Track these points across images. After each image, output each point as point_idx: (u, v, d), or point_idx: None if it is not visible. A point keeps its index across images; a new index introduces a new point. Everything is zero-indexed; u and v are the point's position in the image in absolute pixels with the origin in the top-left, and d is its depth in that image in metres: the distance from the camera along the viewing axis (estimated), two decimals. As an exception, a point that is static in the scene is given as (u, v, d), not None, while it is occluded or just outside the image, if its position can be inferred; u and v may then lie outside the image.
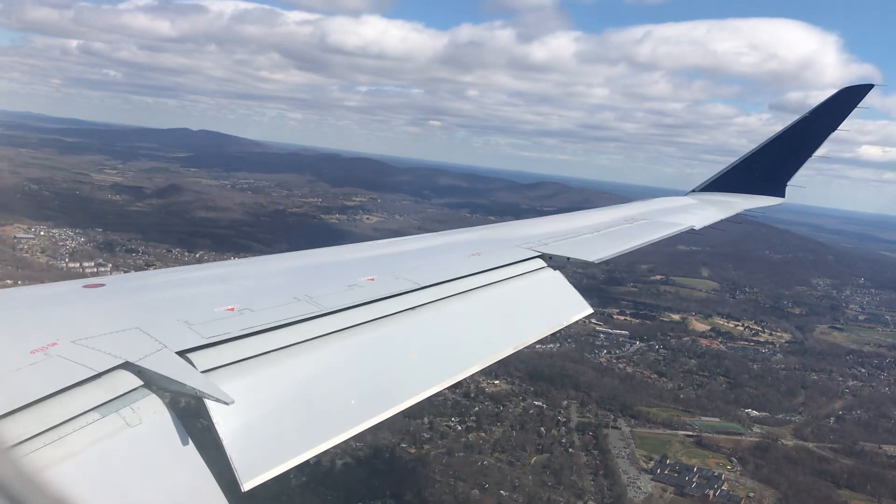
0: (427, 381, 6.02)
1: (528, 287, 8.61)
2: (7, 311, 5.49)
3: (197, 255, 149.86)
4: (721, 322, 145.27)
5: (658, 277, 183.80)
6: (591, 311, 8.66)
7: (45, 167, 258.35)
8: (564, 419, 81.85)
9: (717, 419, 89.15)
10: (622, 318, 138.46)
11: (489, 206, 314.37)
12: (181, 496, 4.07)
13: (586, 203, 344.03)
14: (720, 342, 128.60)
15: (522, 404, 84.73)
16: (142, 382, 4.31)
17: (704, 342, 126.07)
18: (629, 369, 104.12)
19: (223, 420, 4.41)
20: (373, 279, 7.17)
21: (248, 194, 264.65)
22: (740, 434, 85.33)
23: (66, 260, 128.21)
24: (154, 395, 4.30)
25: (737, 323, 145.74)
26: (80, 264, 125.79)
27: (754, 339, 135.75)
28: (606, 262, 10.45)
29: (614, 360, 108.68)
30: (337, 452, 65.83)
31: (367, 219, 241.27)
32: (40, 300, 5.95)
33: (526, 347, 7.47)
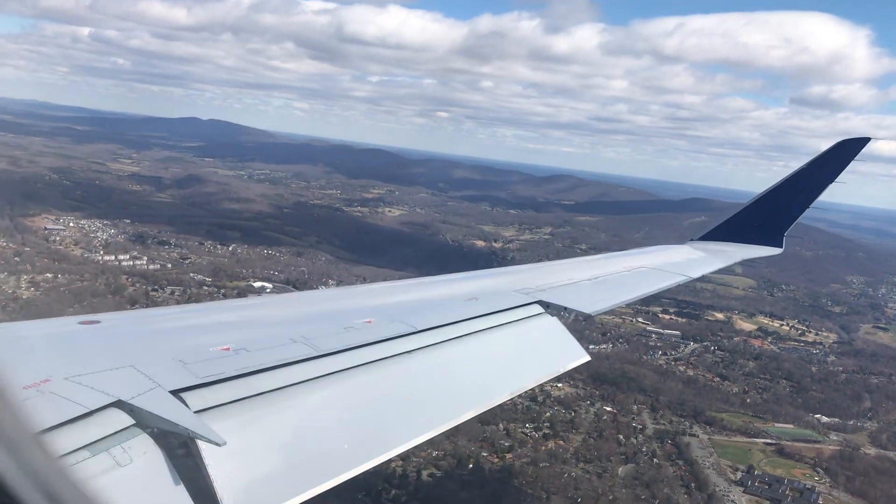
0: (422, 426, 5.87)
1: (526, 333, 8.52)
2: (1, 346, 5.38)
3: (230, 248, 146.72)
4: (766, 321, 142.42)
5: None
6: (588, 358, 8.69)
7: (60, 156, 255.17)
8: (640, 426, 78.52)
9: (791, 426, 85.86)
10: (667, 317, 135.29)
11: (508, 200, 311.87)
12: None
13: (605, 196, 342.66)
14: (770, 342, 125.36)
15: (593, 410, 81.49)
16: (134, 421, 4.25)
17: (756, 342, 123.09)
18: (690, 372, 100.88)
19: (215, 461, 4.32)
20: (370, 321, 7.07)
21: (266, 185, 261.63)
22: (818, 442, 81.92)
23: (101, 253, 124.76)
24: (145, 435, 4.24)
25: (781, 322, 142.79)
26: (116, 257, 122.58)
27: (802, 339, 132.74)
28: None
29: (672, 362, 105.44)
30: (420, 461, 62.69)
31: (389, 211, 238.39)
32: (35, 336, 5.91)
33: (523, 394, 7.51)
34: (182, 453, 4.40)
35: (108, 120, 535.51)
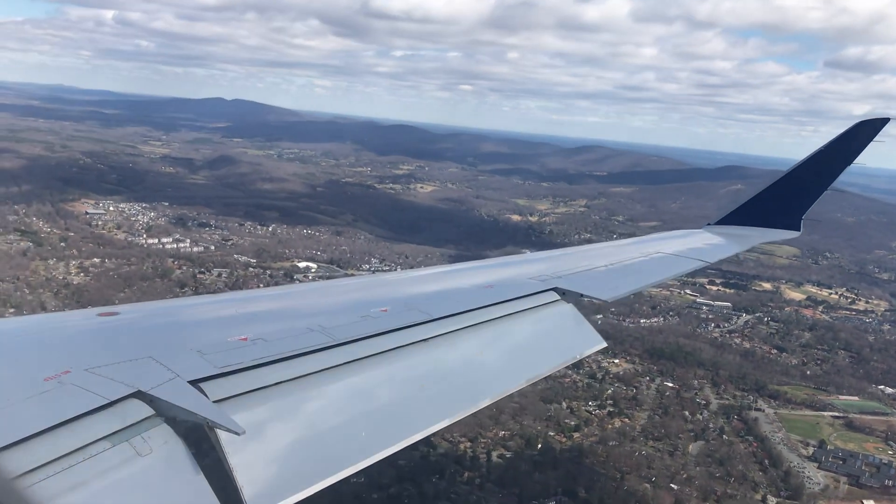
0: (438, 413, 5.88)
1: (542, 320, 8.43)
2: (23, 338, 5.53)
3: (269, 229, 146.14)
4: (814, 290, 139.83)
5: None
6: (604, 344, 8.42)
7: (92, 140, 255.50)
8: (703, 401, 76.91)
9: (856, 398, 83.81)
10: (715, 288, 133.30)
11: (539, 173, 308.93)
12: None
13: (637, 166, 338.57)
14: (822, 312, 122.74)
15: (654, 385, 79.99)
16: (153, 411, 4.30)
17: (807, 312, 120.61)
18: (746, 344, 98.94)
19: (234, 450, 4.35)
20: (386, 310, 7.02)
21: (297, 164, 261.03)
22: (886, 414, 79.87)
23: (144, 236, 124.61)
24: (165, 425, 4.28)
25: (829, 291, 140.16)
26: (159, 240, 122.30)
27: (852, 307, 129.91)
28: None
29: (727, 335, 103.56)
30: (488, 442, 61.70)
31: (421, 187, 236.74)
32: (55, 328, 5.95)
33: (540, 381, 7.27)
34: (202, 443, 4.40)
35: (134, 103, 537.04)
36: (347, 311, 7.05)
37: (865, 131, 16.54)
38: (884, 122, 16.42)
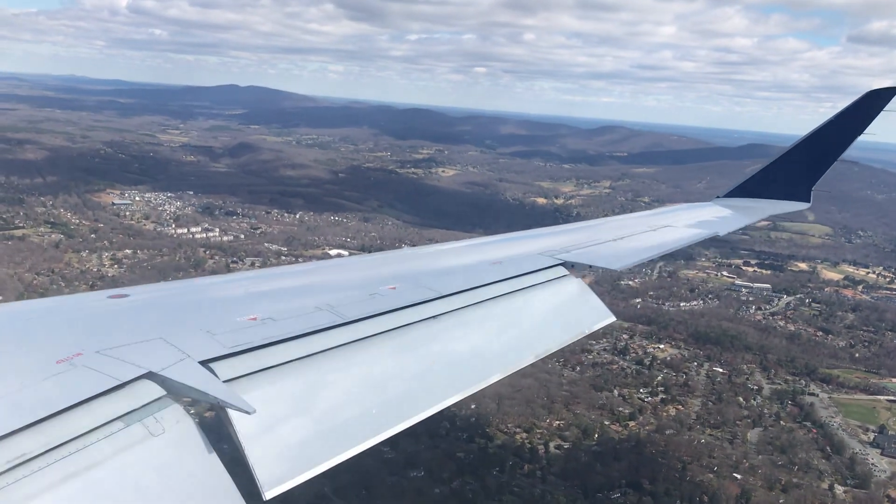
0: (448, 389, 5.88)
1: (551, 296, 8.35)
2: (35, 321, 5.55)
3: (297, 216, 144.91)
4: (850, 270, 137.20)
5: (764, 224, 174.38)
6: (613, 318, 8.41)
7: (110, 130, 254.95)
8: (755, 387, 75.08)
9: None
10: (751, 269, 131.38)
11: (559, 155, 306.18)
12: None
13: (657, 146, 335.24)
14: (862, 292, 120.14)
15: (703, 371, 78.20)
16: (165, 392, 4.33)
17: (848, 293, 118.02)
18: (790, 327, 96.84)
19: (245, 429, 4.40)
20: (394, 288, 7.01)
21: (316, 150, 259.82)
22: (941, 396, 77.77)
23: (173, 226, 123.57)
24: (177, 405, 4.32)
25: (866, 270, 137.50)
26: (188, 230, 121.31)
27: (892, 287, 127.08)
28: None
29: (769, 317, 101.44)
30: (543, 433, 60.22)
31: (443, 171, 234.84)
32: (66, 311, 6.00)
33: (547, 356, 7.15)
34: (213, 422, 4.47)
35: (148, 91, 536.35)
36: (356, 289, 6.99)
37: (874, 102, 16.15)
38: (893, 91, 15.92)
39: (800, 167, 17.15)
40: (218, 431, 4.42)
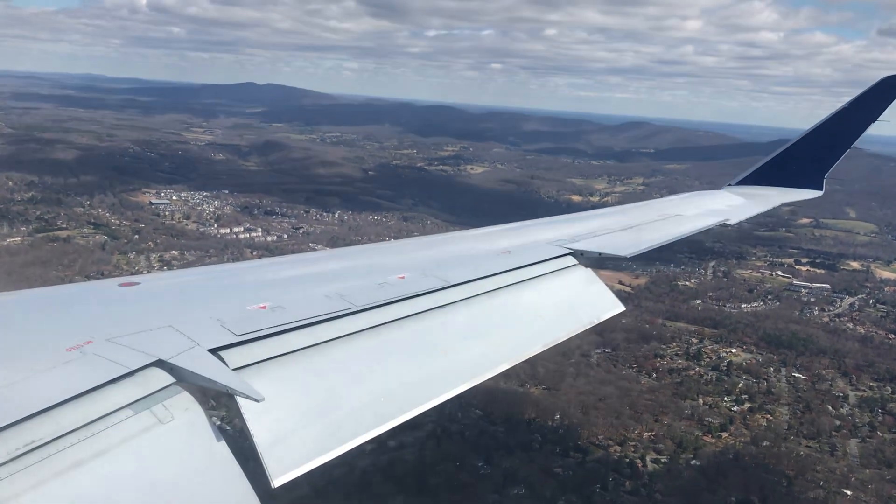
0: (456, 379, 5.89)
1: (559, 285, 8.31)
2: (45, 309, 5.57)
3: (336, 216, 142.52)
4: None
5: (806, 221, 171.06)
6: (623, 308, 8.36)
7: (136, 129, 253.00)
8: (840, 394, 71.78)
9: None
10: (804, 268, 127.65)
11: (586, 151, 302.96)
12: (212, 492, 4.04)
13: (684, 142, 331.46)
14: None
15: (783, 377, 75.03)
16: (174, 380, 4.34)
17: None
18: (860, 329, 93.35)
19: (254, 417, 4.40)
20: (403, 277, 6.98)
21: (343, 148, 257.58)
22: None
23: (215, 226, 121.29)
24: (186, 393, 4.32)
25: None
26: (231, 230, 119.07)
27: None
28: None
29: (835, 319, 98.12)
30: (635, 445, 57.31)
31: (472, 169, 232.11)
32: (77, 298, 6.01)
33: (556, 345, 7.07)
34: (223, 410, 4.43)
35: (167, 90, 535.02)
36: (365, 277, 6.91)
37: (889, 89, 15.78)
38: None
39: (813, 155, 16.81)
40: (227, 419, 4.35)
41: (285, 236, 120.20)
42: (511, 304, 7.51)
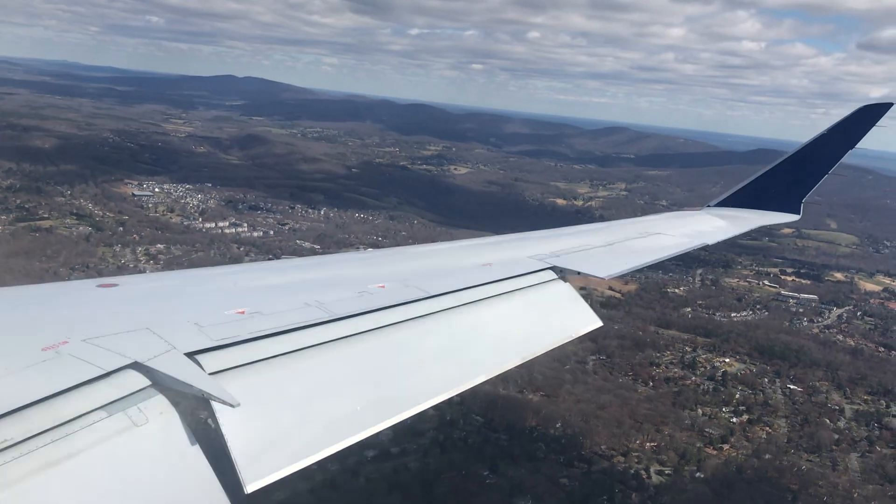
0: (434, 389, 5.85)
1: (539, 299, 8.33)
2: (21, 308, 5.52)
3: (321, 213, 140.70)
4: (887, 281, 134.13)
5: (789, 231, 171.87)
6: (600, 323, 8.29)
7: (115, 118, 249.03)
8: (836, 406, 71.64)
9: None
10: (789, 278, 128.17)
11: (567, 155, 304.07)
12: (185, 497, 4.02)
13: (665, 149, 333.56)
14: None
15: (778, 388, 74.81)
16: (150, 382, 4.31)
17: (894, 305, 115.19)
18: (850, 342, 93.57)
19: (229, 422, 4.37)
20: (383, 286, 7.00)
21: (324, 144, 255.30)
22: None
23: (200, 220, 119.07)
24: (161, 396, 4.29)
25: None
26: (216, 224, 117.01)
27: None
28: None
29: (825, 331, 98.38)
30: (638, 455, 56.57)
31: (456, 169, 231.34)
32: (54, 298, 5.94)
33: (534, 358, 7.07)
34: (197, 414, 4.39)
35: (144, 80, 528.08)
36: (345, 286, 6.86)
37: (868, 116, 16.20)
38: (887, 107, 15.97)
39: (791, 179, 17.12)
40: (202, 423, 4.29)
41: (272, 232, 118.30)
42: (490, 317, 7.49)
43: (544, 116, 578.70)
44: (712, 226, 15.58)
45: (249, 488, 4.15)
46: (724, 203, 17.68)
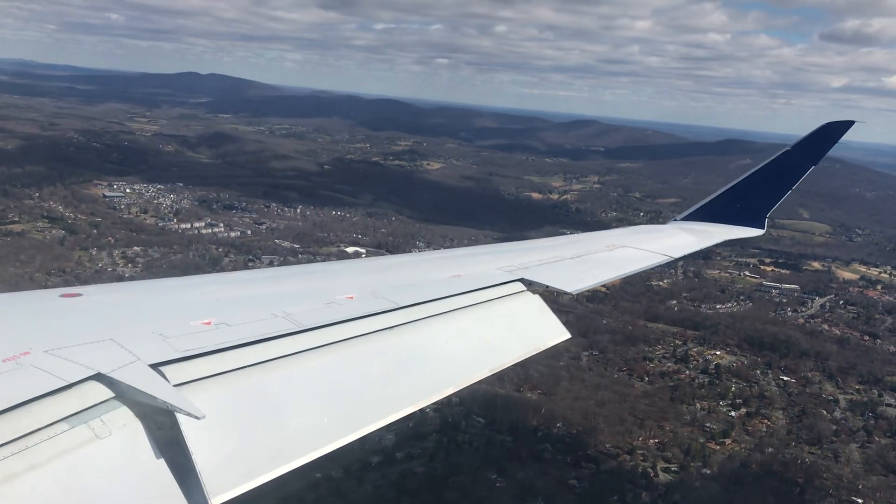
0: (402, 401, 5.81)
1: (508, 310, 8.23)
2: None
3: (298, 211, 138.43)
4: (863, 269, 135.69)
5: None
6: (568, 335, 8.15)
7: (78, 118, 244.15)
8: (830, 397, 71.69)
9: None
10: (768, 268, 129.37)
11: (538, 149, 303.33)
12: None
13: (635, 141, 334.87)
14: (883, 292, 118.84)
15: (771, 380, 74.78)
16: (113, 394, 4.26)
17: (872, 294, 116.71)
18: (835, 331, 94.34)
19: (194, 434, 4.31)
20: (352, 297, 6.93)
21: (294, 141, 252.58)
22: None
23: (174, 221, 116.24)
24: (125, 408, 4.24)
25: (878, 270, 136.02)
26: (192, 225, 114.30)
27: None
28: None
29: (809, 320, 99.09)
30: (643, 453, 55.72)
31: (428, 164, 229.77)
32: (16, 308, 5.86)
33: (503, 370, 6.99)
34: (162, 427, 4.34)
35: (106, 78, 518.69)
36: (313, 297, 6.76)
37: (831, 133, 16.33)
38: (849, 124, 16.25)
39: (756, 194, 17.01)
40: (166, 436, 4.23)
41: (249, 232, 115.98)
42: (460, 328, 7.34)
43: (513, 110, 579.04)
44: (679, 240, 15.57)
45: (214, 501, 4.05)
46: (691, 217, 17.59)
